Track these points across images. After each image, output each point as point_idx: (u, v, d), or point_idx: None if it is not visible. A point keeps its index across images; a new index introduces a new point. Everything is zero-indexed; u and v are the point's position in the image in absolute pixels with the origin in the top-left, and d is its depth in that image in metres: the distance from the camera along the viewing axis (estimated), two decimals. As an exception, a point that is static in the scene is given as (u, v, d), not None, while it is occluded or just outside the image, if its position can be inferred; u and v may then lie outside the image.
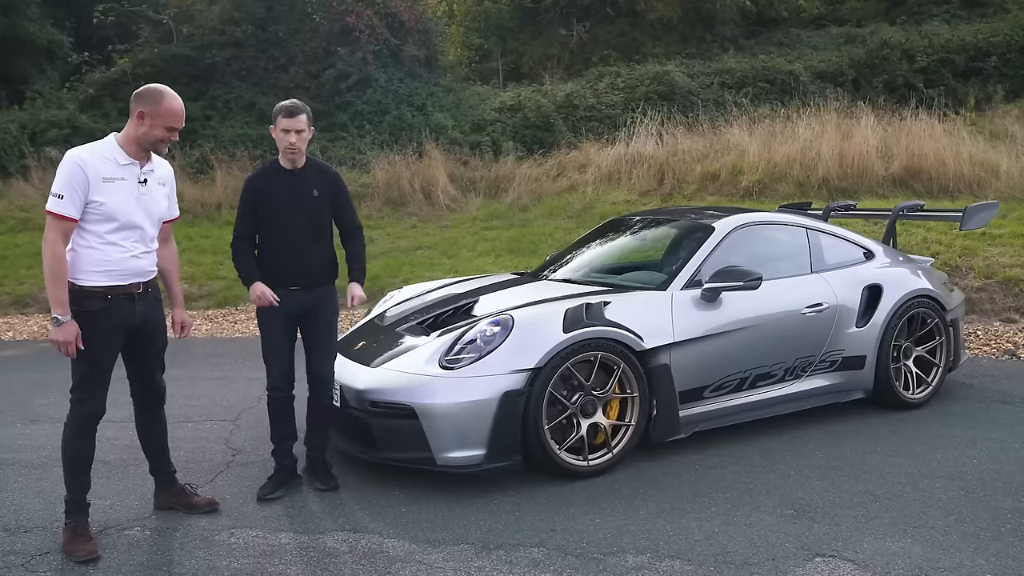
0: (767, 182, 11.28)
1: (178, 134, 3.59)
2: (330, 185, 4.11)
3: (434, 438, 3.95)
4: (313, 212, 4.04)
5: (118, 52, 15.98)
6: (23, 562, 3.40)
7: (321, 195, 4.06)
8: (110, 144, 3.49)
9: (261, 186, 4.06)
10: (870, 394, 5.19)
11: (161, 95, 3.47)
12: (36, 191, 13.12)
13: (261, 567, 3.32)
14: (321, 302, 4.08)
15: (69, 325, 3.36)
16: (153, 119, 3.45)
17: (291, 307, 4.03)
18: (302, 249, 4.03)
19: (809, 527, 3.61)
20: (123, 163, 3.47)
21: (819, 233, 5.36)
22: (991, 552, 3.36)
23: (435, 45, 16.28)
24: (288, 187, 4.02)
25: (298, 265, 4.02)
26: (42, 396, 6.09)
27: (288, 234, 4.01)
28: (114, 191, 3.43)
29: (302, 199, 4.01)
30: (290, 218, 4.00)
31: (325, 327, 4.10)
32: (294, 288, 4.03)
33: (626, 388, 4.30)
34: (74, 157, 3.38)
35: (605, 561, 3.32)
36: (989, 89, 14.89)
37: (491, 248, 10.73)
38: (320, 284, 4.09)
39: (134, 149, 3.50)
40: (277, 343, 4.04)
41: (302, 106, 4.01)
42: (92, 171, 3.37)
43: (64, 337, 3.36)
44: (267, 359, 4.08)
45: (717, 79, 15.75)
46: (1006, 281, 7.88)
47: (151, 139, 3.49)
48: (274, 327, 4.04)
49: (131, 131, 3.49)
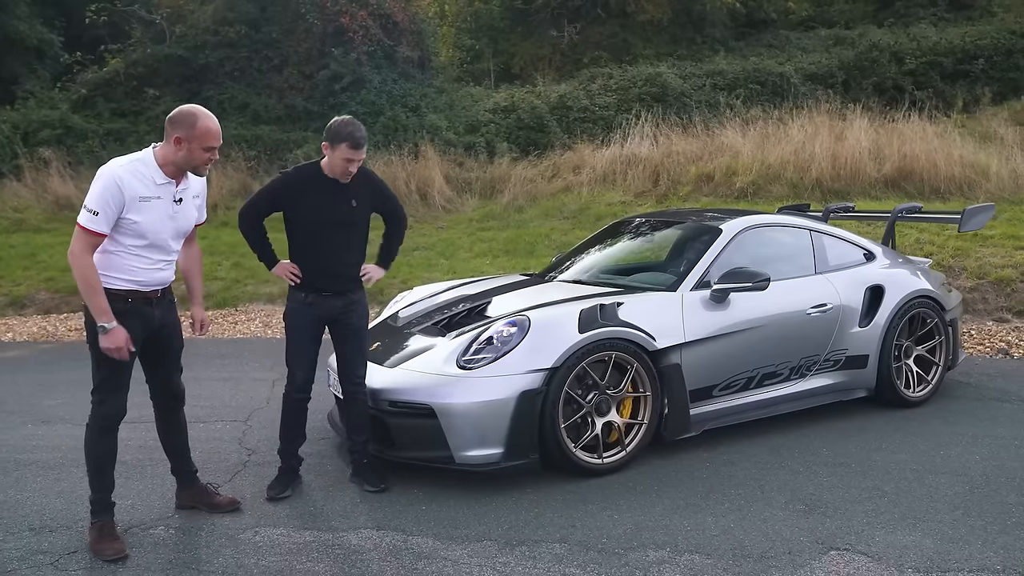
0: (761, 183, 11.41)
1: (217, 152, 3.57)
2: (371, 193, 4.12)
3: (453, 437, 4.02)
4: (348, 223, 4.04)
5: (110, 52, 15.94)
6: (52, 561, 3.44)
7: (360, 205, 4.06)
8: (148, 162, 3.44)
9: (299, 189, 4.01)
10: (872, 392, 5.30)
11: (195, 117, 3.44)
12: (29, 191, 13.10)
13: (289, 565, 3.38)
14: (352, 306, 4.13)
15: (117, 331, 3.37)
16: (191, 143, 3.42)
17: (322, 311, 4.07)
18: (335, 258, 4.04)
19: (822, 521, 3.70)
20: (160, 183, 3.45)
21: (822, 235, 5.46)
22: (999, 545, 3.46)
23: (428, 46, 16.32)
24: (328, 197, 3.98)
25: (331, 272, 4.05)
26: (50, 397, 6.12)
27: (321, 242, 4.01)
28: (149, 210, 3.42)
29: (339, 210, 4.00)
30: (323, 227, 4.00)
31: (356, 330, 4.15)
32: (326, 293, 4.07)
33: (639, 387, 4.38)
34: (112, 174, 3.35)
35: (626, 556, 3.40)
36: (977, 91, 15.12)
37: (488, 249, 10.80)
38: (352, 289, 4.13)
39: (172, 170, 3.48)
40: (304, 346, 4.09)
41: (365, 136, 3.95)
42: (129, 190, 3.35)
43: (114, 343, 3.37)
44: (292, 361, 4.11)
45: (709, 81, 15.88)
46: (998, 281, 8.03)
47: (192, 163, 3.49)
48: (302, 330, 4.08)
49: (170, 154, 3.45)
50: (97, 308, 3.35)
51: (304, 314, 4.07)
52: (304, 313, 4.07)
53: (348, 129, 3.89)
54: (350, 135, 3.89)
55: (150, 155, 3.47)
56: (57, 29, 17.71)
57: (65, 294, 9.72)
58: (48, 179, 13.14)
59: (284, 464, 4.21)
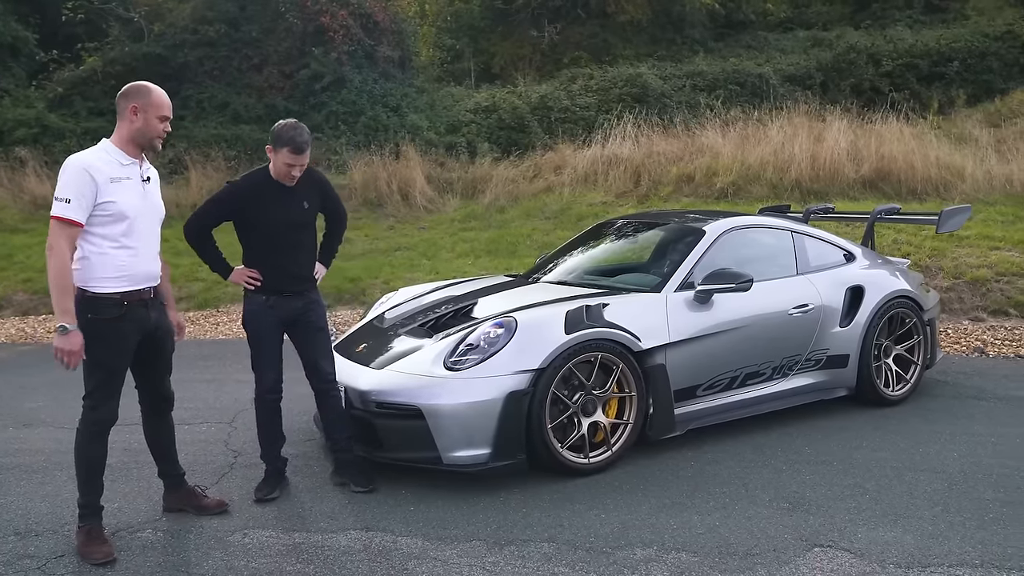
0: (741, 184, 11.52)
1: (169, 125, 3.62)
2: (318, 193, 4.16)
3: (441, 438, 4.04)
4: (301, 224, 4.08)
5: (87, 50, 15.78)
6: (39, 565, 3.42)
7: (311, 206, 4.11)
8: (109, 148, 3.48)
9: (251, 197, 4.03)
10: (853, 391, 5.38)
11: (148, 88, 3.51)
12: (5, 191, 12.95)
13: (279, 566, 3.39)
14: (311, 305, 4.16)
15: (75, 335, 3.31)
16: (147, 112, 3.47)
17: (283, 313, 4.09)
18: (291, 258, 4.08)
19: (805, 519, 3.76)
20: (125, 163, 3.48)
21: (803, 236, 5.54)
22: (977, 540, 3.54)
23: (409, 46, 16.32)
24: (279, 200, 4.01)
25: (288, 273, 4.08)
26: (31, 400, 6.07)
27: (278, 245, 4.03)
28: (122, 191, 3.43)
29: (292, 212, 4.04)
30: (279, 230, 4.03)
31: (319, 328, 4.18)
32: (287, 294, 4.09)
33: (624, 387, 4.42)
34: (78, 162, 3.36)
35: (614, 555, 3.44)
36: (952, 93, 15.35)
37: (470, 249, 10.82)
38: (309, 289, 4.18)
39: (133, 149, 3.51)
40: (269, 348, 4.10)
41: (308, 140, 3.96)
42: (99, 174, 3.36)
43: (69, 346, 3.31)
44: (259, 365, 4.12)
45: (689, 81, 16.00)
46: (974, 281, 8.17)
47: (150, 134, 3.50)
48: (266, 333, 4.09)
49: (126, 131, 3.49)
50: (62, 308, 3.31)
51: (266, 316, 4.08)
52: (266, 315, 4.08)
53: (290, 134, 3.89)
54: (291, 139, 3.89)
55: (108, 143, 3.51)
56: (32, 26, 17.46)
57: (43, 295, 9.61)
58: (24, 179, 13.00)
59: (269, 467, 4.22)
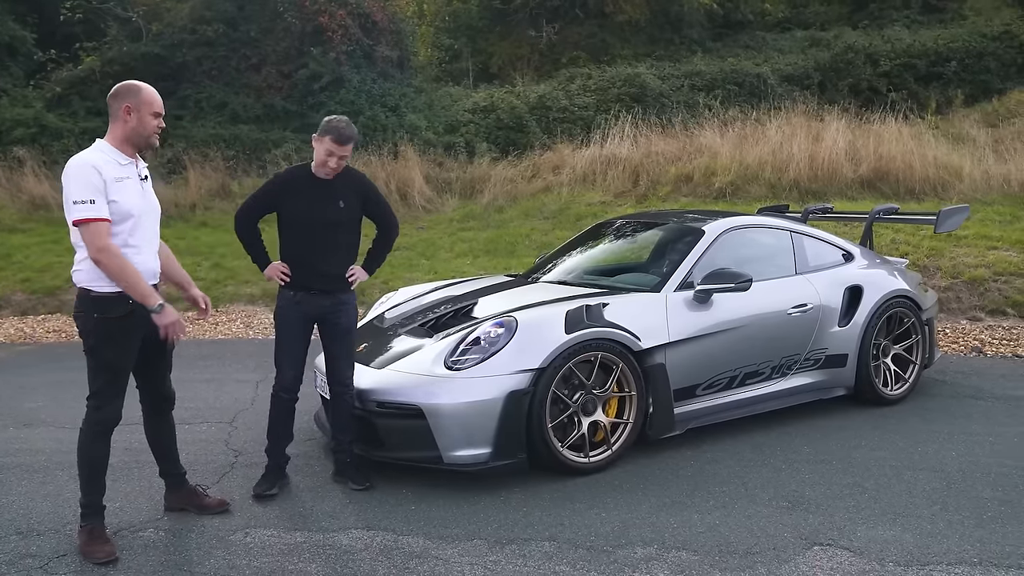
0: (739, 183, 11.54)
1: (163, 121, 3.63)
2: (356, 194, 4.14)
3: (441, 437, 4.05)
4: (334, 222, 4.07)
5: (85, 50, 15.75)
6: (41, 565, 3.43)
7: (348, 206, 4.09)
8: (106, 148, 3.48)
9: (288, 189, 4.08)
10: (852, 391, 5.40)
11: (138, 86, 3.52)
12: (3, 191, 12.90)
13: (281, 565, 3.40)
14: (340, 306, 4.15)
15: (168, 310, 3.42)
16: (140, 110, 3.47)
17: (310, 309, 4.11)
18: (322, 257, 4.08)
19: (805, 518, 3.78)
20: (123, 163, 3.49)
21: (802, 236, 5.56)
22: (975, 539, 3.56)
23: (407, 46, 16.31)
24: (315, 197, 4.03)
25: (316, 271, 4.08)
26: (30, 400, 6.07)
27: (309, 241, 4.05)
28: (124, 190, 3.44)
29: (326, 210, 4.04)
30: (312, 226, 4.04)
31: (344, 330, 4.18)
32: (313, 291, 4.09)
33: (624, 387, 4.44)
34: (85, 162, 3.37)
35: (615, 553, 3.46)
36: (949, 93, 15.38)
37: (469, 249, 10.83)
38: (340, 289, 4.16)
39: (129, 149, 3.52)
40: (292, 346, 4.11)
41: (354, 135, 3.99)
42: (105, 172, 3.37)
43: (169, 320, 3.41)
44: (280, 360, 4.13)
45: (687, 81, 16.02)
46: (971, 281, 8.19)
47: (144, 132, 3.51)
48: (291, 329, 4.11)
49: (120, 131, 3.49)
50: (141, 293, 3.37)
51: (293, 312, 4.10)
52: (293, 311, 4.10)
53: (336, 123, 3.97)
54: (335, 128, 3.95)
55: (104, 143, 3.50)
56: (30, 26, 17.44)
57: (42, 295, 9.62)
58: (22, 178, 12.96)
59: (271, 462, 4.23)
